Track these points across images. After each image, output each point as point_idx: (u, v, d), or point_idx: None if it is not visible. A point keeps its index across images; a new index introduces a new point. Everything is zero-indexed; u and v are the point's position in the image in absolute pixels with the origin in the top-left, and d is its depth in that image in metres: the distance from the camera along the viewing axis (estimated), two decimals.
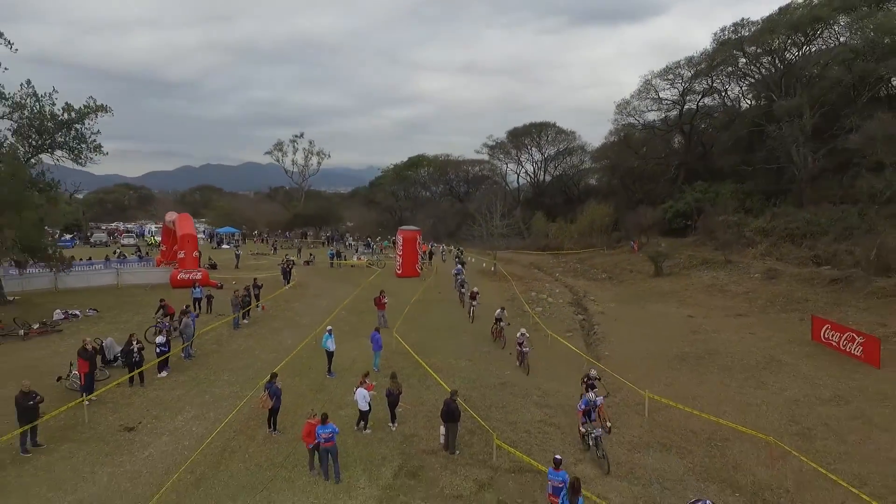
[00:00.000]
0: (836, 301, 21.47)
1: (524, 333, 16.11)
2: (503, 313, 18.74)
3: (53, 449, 10.19)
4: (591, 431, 10.75)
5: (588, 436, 10.80)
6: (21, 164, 18.15)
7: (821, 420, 11.91)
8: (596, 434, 10.61)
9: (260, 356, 15.81)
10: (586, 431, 10.89)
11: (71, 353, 14.75)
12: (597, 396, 11.35)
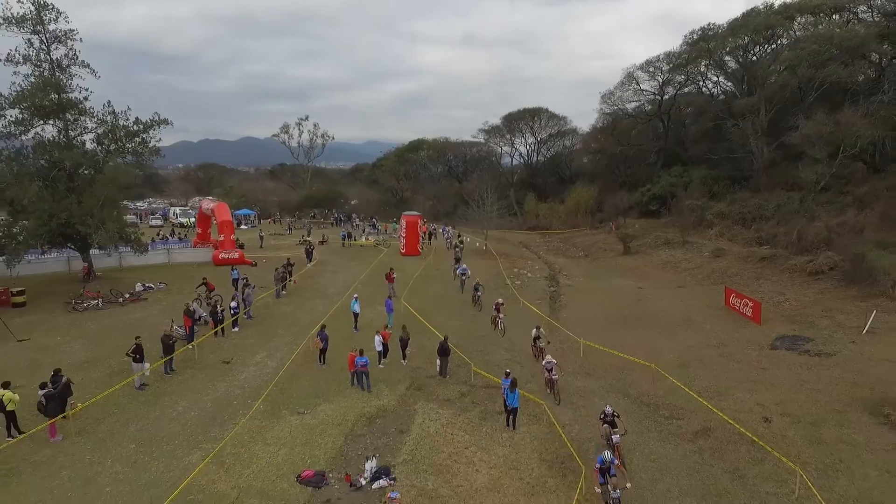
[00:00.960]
0: (758, 275, 26.81)
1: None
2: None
3: (182, 373, 15.62)
4: (609, 494, 9.64)
5: (607, 498, 9.77)
6: (119, 170, 23.36)
7: (699, 357, 17.34)
8: (615, 496, 9.51)
9: (300, 318, 21.16)
10: (602, 493, 9.98)
11: (161, 315, 20.21)
12: (615, 434, 11.25)
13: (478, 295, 23.43)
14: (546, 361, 15.04)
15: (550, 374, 14.71)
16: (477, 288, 23.61)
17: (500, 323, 20.02)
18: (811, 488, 9.89)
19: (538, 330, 17.73)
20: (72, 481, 10.49)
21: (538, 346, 17.26)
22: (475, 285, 23.80)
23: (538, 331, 17.68)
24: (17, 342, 17.30)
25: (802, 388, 14.58)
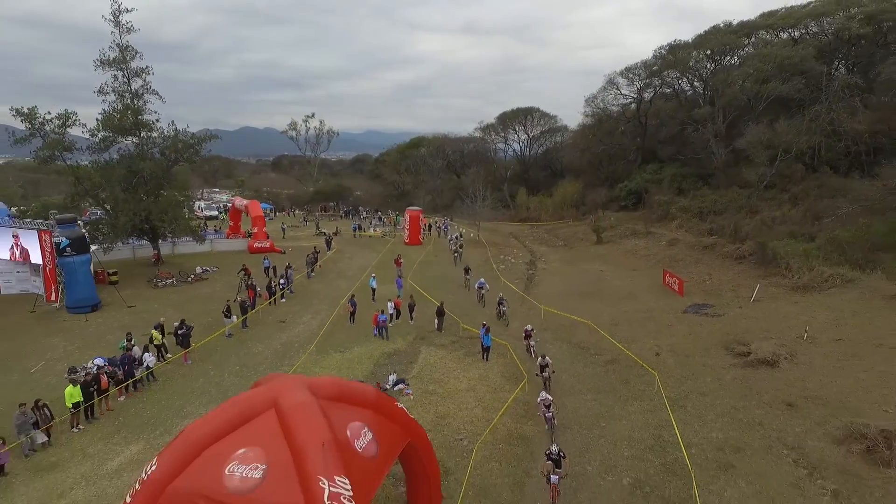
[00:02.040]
0: (697, 260, 33.30)
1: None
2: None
3: (253, 328, 22.16)
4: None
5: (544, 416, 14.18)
6: (185, 180, 29.84)
7: (628, 319, 23.88)
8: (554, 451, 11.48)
9: (329, 293, 27.65)
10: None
11: (223, 290, 26.68)
12: (555, 474, 11.26)
13: (502, 310, 24.55)
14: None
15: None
16: (501, 302, 24.51)
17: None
18: (661, 388, 16.42)
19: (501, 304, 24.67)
20: (206, 383, 17.06)
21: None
22: (499, 299, 24.67)
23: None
24: (127, 308, 23.85)
25: (689, 337, 21.15)
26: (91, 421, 14.45)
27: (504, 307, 24.60)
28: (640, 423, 14.80)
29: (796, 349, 18.42)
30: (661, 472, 12.44)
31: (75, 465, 12.66)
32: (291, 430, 8.37)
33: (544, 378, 16.81)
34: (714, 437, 13.68)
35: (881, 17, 41.48)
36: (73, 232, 23.01)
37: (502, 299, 24.96)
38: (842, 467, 11.94)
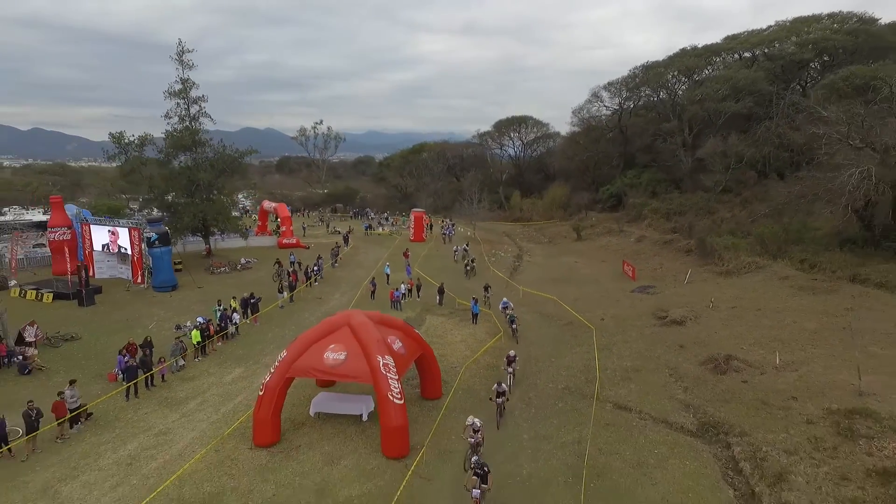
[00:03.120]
0: (656, 254, 40.46)
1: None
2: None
3: (298, 303, 29.33)
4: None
5: None
6: (232, 189, 37.08)
7: (587, 297, 31.00)
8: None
9: (352, 278, 34.78)
10: None
11: (266, 275, 33.81)
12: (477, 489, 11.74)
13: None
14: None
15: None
16: (513, 321, 25.37)
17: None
18: (596, 339, 23.55)
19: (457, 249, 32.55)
20: (274, 336, 24.17)
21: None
22: (507, 309, 26.03)
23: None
24: (197, 288, 31.03)
25: (630, 308, 28.29)
26: (205, 355, 21.60)
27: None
28: (577, 358, 21.93)
29: (701, 314, 25.62)
30: (583, 382, 19.54)
31: (204, 378, 19.81)
32: (359, 335, 15.58)
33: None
34: (623, 365, 20.79)
35: (822, 45, 48.66)
36: (159, 229, 30.21)
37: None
38: (695, 376, 19.07)
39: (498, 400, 16.57)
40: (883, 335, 20.42)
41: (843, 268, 28.15)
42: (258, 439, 15.01)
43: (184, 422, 16.73)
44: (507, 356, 19.90)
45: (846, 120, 28.82)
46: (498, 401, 16.56)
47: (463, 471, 13.45)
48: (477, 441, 14.07)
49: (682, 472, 13.69)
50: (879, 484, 12.01)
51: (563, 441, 15.44)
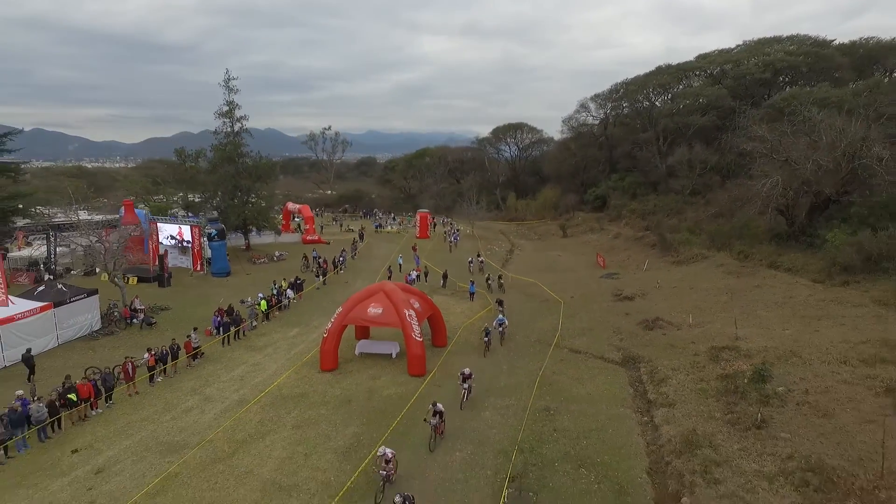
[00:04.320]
0: (627, 248, 48.11)
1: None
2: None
3: (330, 285, 36.99)
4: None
5: None
6: (272, 192, 44.76)
7: (564, 281, 38.64)
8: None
9: (370, 267, 42.40)
10: None
11: (299, 267, 41.49)
12: None
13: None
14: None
15: None
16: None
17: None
18: (563, 311, 31.20)
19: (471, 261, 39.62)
20: (316, 308, 31.75)
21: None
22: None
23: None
24: (246, 275, 38.67)
25: (595, 289, 35.94)
26: (269, 320, 29.26)
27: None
28: (547, 323, 29.55)
29: (648, 292, 33.31)
30: (549, 336, 27.13)
31: (272, 334, 27.44)
32: (391, 296, 23.26)
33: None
34: (581, 326, 28.43)
35: (778, 65, 56.35)
36: (217, 226, 37.86)
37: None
38: (630, 331, 26.70)
39: (432, 420, 16.39)
40: (771, 303, 28.08)
41: (766, 257, 35.80)
42: (324, 365, 22.67)
43: (266, 359, 24.39)
44: (462, 372, 19.89)
45: (769, 139, 36.47)
46: (432, 421, 16.38)
47: None
48: (388, 473, 14.11)
49: (604, 381, 21.38)
50: (721, 382, 19.62)
51: (530, 368, 23.06)
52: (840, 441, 15.06)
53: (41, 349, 23.30)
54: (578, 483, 14.71)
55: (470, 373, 19.95)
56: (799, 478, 13.55)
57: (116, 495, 14.34)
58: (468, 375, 19.80)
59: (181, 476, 15.19)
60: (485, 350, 24.76)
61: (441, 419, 16.70)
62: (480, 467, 15.58)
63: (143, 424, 18.23)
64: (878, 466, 13.54)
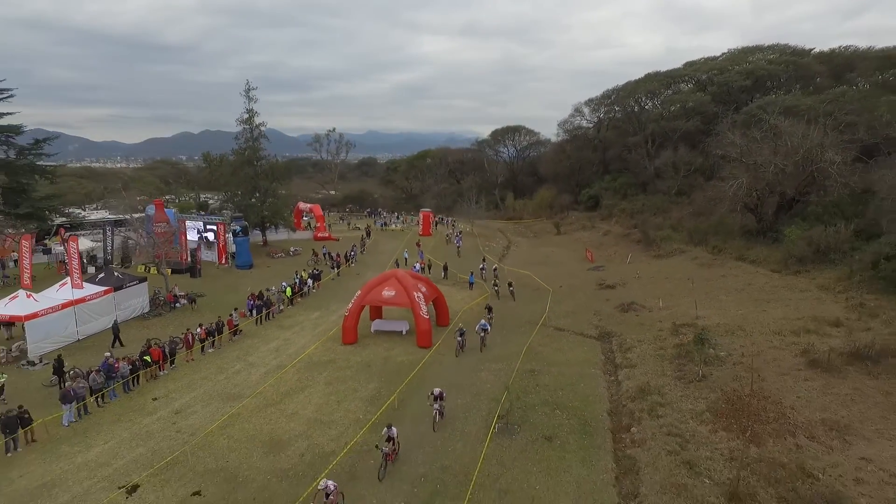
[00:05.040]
0: (615, 244, 52.55)
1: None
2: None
3: (343, 277, 41.43)
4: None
5: None
6: (288, 192, 49.24)
7: (555, 273, 43.07)
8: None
9: (378, 261, 46.81)
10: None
11: (321, 260, 45.94)
12: None
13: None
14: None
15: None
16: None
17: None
18: (552, 297, 35.64)
19: (483, 262, 43.66)
20: (333, 296, 36.17)
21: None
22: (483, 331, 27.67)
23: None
24: (267, 267, 43.08)
25: (582, 279, 40.39)
26: (293, 305, 33.68)
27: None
28: (537, 307, 33.93)
29: (628, 281, 37.76)
30: (537, 317, 31.51)
31: (298, 316, 31.87)
32: (402, 281, 27.77)
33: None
34: (566, 309, 32.86)
35: (757, 73, 60.80)
36: (242, 224, 42.32)
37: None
38: (608, 314, 31.13)
39: (384, 448, 15.95)
40: (732, 289, 32.54)
41: (736, 251, 40.23)
42: (345, 339, 27.10)
43: (295, 335, 28.83)
44: (433, 392, 19.22)
45: (739, 144, 40.90)
46: (384, 449, 15.94)
47: None
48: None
49: (581, 351, 25.84)
50: (675, 349, 24.04)
51: (519, 342, 27.45)
52: (755, 384, 19.50)
53: (104, 327, 27.76)
54: (553, 419, 19.12)
55: (441, 392, 19.24)
56: (715, 407, 18.00)
57: (196, 427, 18.77)
58: (439, 395, 19.09)
59: (242, 415, 19.62)
60: (457, 350, 25.80)
61: (394, 444, 16.47)
62: (476, 410, 19.99)
63: (203, 382, 22.69)
64: (773, 394, 17.99)
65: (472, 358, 25.01)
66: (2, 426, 16.87)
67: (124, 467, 16.39)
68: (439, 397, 19.19)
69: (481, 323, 27.22)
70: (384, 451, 15.96)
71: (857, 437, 16.63)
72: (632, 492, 15.22)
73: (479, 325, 27.09)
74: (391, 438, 16.42)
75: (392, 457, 16.39)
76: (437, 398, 19.13)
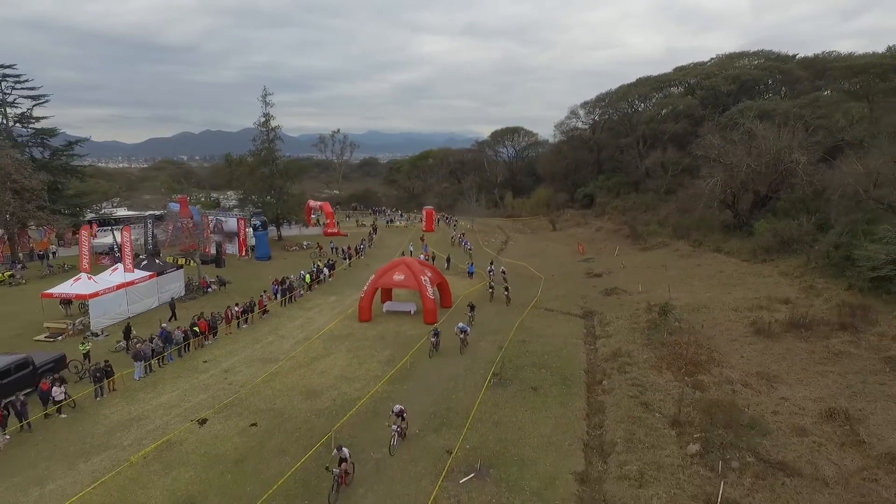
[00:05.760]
0: (606, 239, 56.78)
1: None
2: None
3: (354, 267, 45.66)
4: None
5: None
6: (301, 190, 53.47)
7: (548, 264, 47.27)
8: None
9: (385, 255, 51.00)
10: None
11: (325, 251, 50.23)
12: None
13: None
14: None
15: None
16: None
17: None
18: (544, 284, 39.85)
19: (491, 265, 47.81)
20: (346, 283, 40.39)
21: None
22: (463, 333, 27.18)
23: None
24: (283, 259, 47.32)
25: (573, 269, 44.60)
26: (311, 290, 37.91)
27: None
28: (530, 292, 38.11)
29: (614, 271, 42.00)
30: (530, 300, 35.75)
31: (316, 300, 36.09)
32: (410, 267, 32.09)
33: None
34: (556, 294, 37.07)
35: (742, 78, 65.01)
36: (261, 219, 46.58)
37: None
38: (594, 297, 35.35)
39: (335, 471, 15.04)
40: (704, 276, 36.77)
41: (714, 243, 44.44)
42: (361, 317, 31.31)
43: (316, 315, 33.05)
44: (394, 409, 18.07)
45: (717, 145, 45.13)
46: (335, 471, 15.02)
47: None
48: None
49: (567, 326, 30.06)
50: (645, 323, 28.22)
51: (513, 320, 31.63)
52: (705, 346, 23.78)
53: (148, 307, 31.99)
54: (539, 375, 23.30)
55: (401, 410, 17.98)
56: (664, 357, 22.22)
57: (243, 381, 22.99)
58: (399, 413, 17.90)
59: (281, 373, 23.84)
60: (430, 350, 25.77)
61: (347, 466, 15.53)
62: (474, 370, 24.16)
63: (243, 349, 26.92)
64: (722, 355, 22.26)
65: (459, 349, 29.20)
66: (92, 376, 21.09)
67: (192, 407, 20.61)
68: (400, 415, 17.85)
69: (459, 325, 26.89)
70: (335, 473, 15.10)
71: (781, 384, 20.86)
72: (598, 423, 19.46)
73: (458, 326, 26.78)
74: (344, 460, 15.51)
75: (345, 479, 15.46)
76: (399, 416, 17.87)
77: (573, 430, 18.81)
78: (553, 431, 18.67)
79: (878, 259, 26.99)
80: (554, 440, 18.10)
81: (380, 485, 15.72)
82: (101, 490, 15.40)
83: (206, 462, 16.87)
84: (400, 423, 17.82)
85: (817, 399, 19.39)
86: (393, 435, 17.45)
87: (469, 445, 17.64)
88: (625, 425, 18.64)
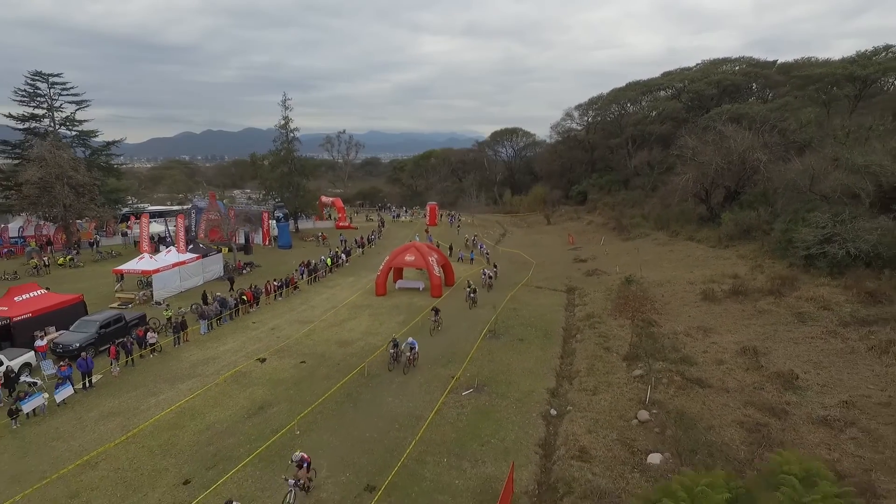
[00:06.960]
0: (596, 231, 62.82)
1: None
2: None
3: (367, 255, 51.75)
4: None
5: None
6: (316, 187, 59.51)
7: (541, 253, 53.34)
8: None
9: (392, 245, 56.88)
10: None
11: (335, 245, 56.34)
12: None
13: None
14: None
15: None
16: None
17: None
18: (535, 268, 45.89)
19: (488, 264, 53.92)
20: (362, 267, 46.45)
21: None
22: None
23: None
24: (302, 248, 53.36)
25: (562, 257, 50.67)
26: (331, 273, 43.98)
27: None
28: (522, 274, 44.16)
29: (598, 257, 48.06)
30: (521, 279, 41.75)
31: (337, 280, 42.15)
32: (419, 249, 38.24)
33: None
34: (545, 276, 43.11)
35: (724, 84, 71.05)
36: (284, 211, 52.65)
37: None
38: (577, 277, 41.40)
39: (290, 480, 14.06)
40: (675, 260, 42.81)
41: (688, 233, 50.43)
42: (378, 292, 37.38)
43: (338, 291, 39.11)
44: (293, 458, 14.93)
45: (691, 146, 51.17)
46: (290, 480, 14.05)
47: None
48: None
49: (552, 298, 36.12)
50: (616, 292, 34.23)
51: (506, 294, 37.67)
52: (661, 310, 29.84)
53: (194, 285, 38.02)
54: (525, 331, 29.33)
55: (302, 457, 14.83)
56: (623, 309, 28.25)
57: (288, 335, 29.06)
58: (299, 462, 14.75)
59: (316, 331, 29.90)
60: (390, 363, 24.25)
61: (307, 473, 14.60)
62: (473, 330, 30.17)
63: (282, 314, 32.99)
64: (671, 312, 28.27)
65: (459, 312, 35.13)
66: (173, 328, 27.19)
67: (252, 351, 26.68)
68: (300, 465, 14.73)
69: (409, 340, 24.71)
70: (290, 483, 13.89)
71: (714, 333, 26.89)
72: (569, 361, 25.52)
73: (408, 342, 24.65)
74: (302, 465, 14.39)
75: (307, 483, 14.43)
76: (300, 466, 14.71)
77: (549, 365, 24.90)
78: (534, 365, 24.75)
79: (809, 240, 32.96)
80: (534, 370, 24.18)
81: (402, 397, 21.76)
82: (200, 399, 21.48)
83: (272, 384, 22.95)
84: (299, 473, 14.51)
85: (738, 342, 25.39)
86: (289, 491, 14.11)
87: (469, 374, 23.70)
88: (588, 361, 24.70)
